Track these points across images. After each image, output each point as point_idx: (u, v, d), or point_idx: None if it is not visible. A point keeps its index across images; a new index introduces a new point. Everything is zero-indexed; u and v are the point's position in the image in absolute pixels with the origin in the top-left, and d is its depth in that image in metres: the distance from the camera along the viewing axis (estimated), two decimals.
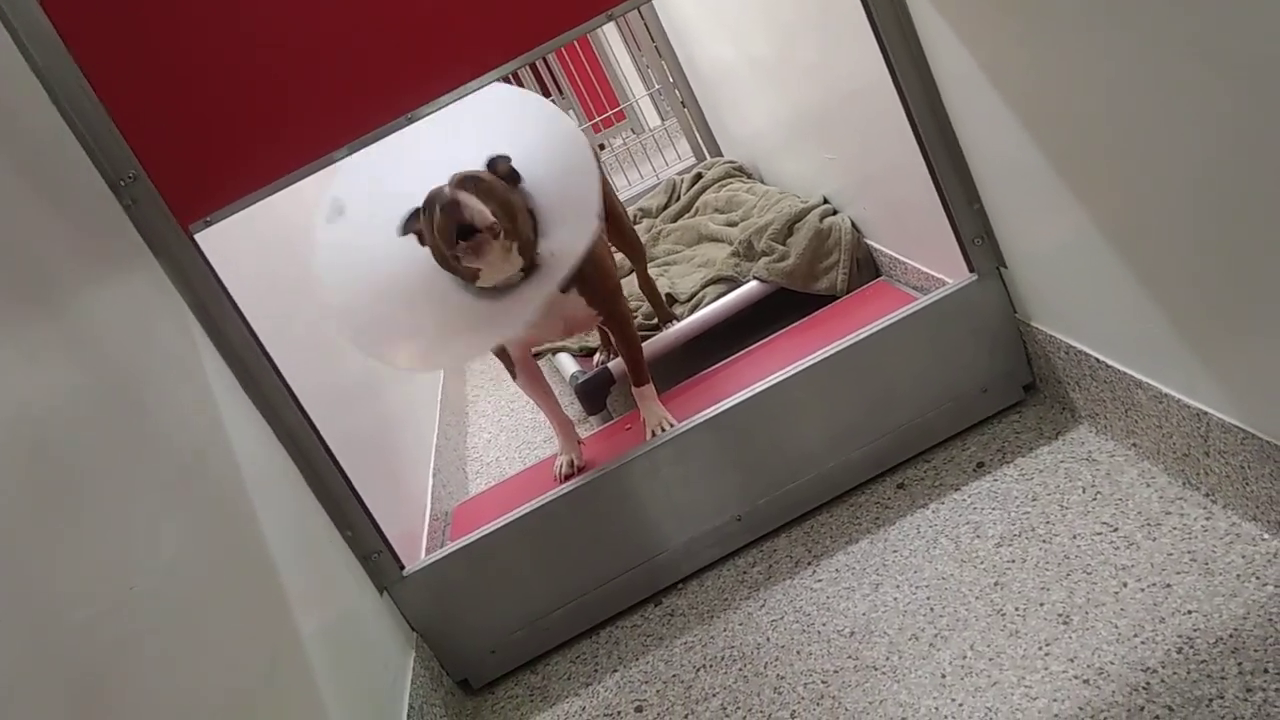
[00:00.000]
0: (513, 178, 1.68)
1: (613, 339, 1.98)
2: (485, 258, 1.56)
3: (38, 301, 1.12)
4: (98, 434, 1.10)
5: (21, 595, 0.87)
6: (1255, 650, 1.12)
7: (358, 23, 1.51)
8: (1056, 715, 1.17)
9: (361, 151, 1.69)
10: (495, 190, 1.60)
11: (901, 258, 2.19)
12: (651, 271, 2.57)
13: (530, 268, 1.65)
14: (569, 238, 1.64)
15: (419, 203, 1.63)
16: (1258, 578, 1.21)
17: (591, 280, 1.81)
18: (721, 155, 3.66)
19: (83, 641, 0.92)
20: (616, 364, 2.38)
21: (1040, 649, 1.28)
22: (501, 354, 1.98)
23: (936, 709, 1.27)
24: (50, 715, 0.83)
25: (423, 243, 1.67)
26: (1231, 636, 1.15)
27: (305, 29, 1.50)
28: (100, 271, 1.31)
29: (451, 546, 1.74)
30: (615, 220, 2.25)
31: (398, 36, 1.52)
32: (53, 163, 1.36)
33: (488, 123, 1.72)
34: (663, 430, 1.79)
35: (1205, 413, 1.29)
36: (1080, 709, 1.17)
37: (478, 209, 1.53)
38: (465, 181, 1.59)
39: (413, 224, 1.66)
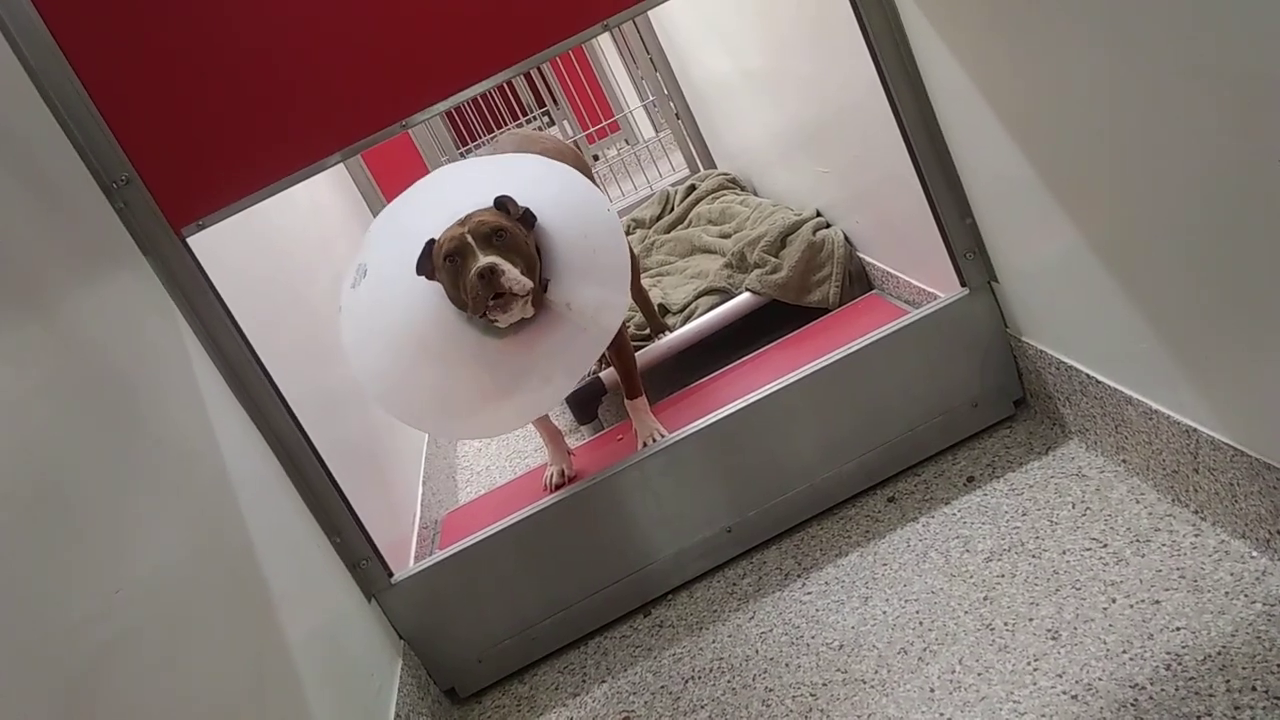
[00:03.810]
0: (528, 220, 1.66)
1: (607, 352, 1.98)
2: (509, 313, 1.59)
3: (29, 303, 1.12)
4: (87, 437, 1.10)
5: (7, 597, 0.86)
6: (1243, 668, 1.12)
7: (353, 30, 1.51)
8: None
9: (385, 212, 1.66)
10: (517, 242, 1.60)
11: (894, 271, 2.19)
12: (644, 282, 2.57)
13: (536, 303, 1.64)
14: (593, 304, 1.62)
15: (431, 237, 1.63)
16: (1246, 595, 1.21)
17: None
18: (715, 167, 3.67)
19: (68, 645, 0.91)
20: (608, 374, 2.37)
21: (1029, 664, 1.27)
22: None
23: None
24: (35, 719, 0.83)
25: (431, 277, 1.66)
26: (1220, 654, 1.15)
27: (301, 34, 1.50)
28: (92, 274, 1.31)
29: (440, 555, 1.73)
30: None
31: (392, 44, 1.52)
32: (45, 165, 1.36)
33: (513, 183, 1.70)
34: (654, 441, 1.79)
35: (1195, 429, 1.29)
36: None
37: (516, 278, 1.55)
38: (490, 236, 1.58)
39: (426, 265, 1.65)
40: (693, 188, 3.32)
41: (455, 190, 1.73)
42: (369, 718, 1.47)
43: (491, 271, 1.54)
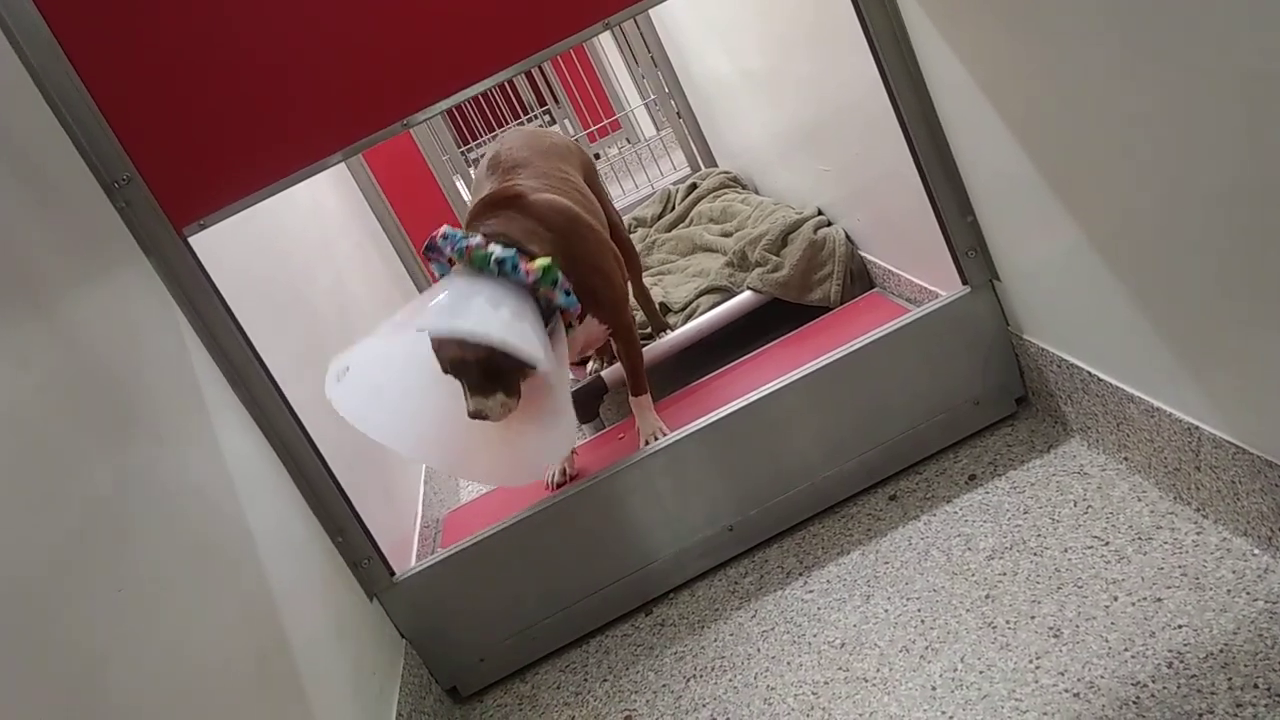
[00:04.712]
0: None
1: (615, 348, 1.98)
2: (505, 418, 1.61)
3: (29, 303, 1.12)
4: (87, 436, 1.10)
5: (8, 597, 0.86)
6: (1245, 665, 1.12)
7: (354, 29, 1.51)
8: None
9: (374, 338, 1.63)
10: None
11: (895, 270, 2.19)
12: (646, 280, 2.57)
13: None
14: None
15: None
16: (1248, 593, 1.21)
17: (603, 297, 1.80)
18: (716, 166, 3.67)
19: (69, 645, 0.91)
20: (609, 372, 2.37)
21: (1031, 662, 1.27)
22: None
23: None
24: (39, 718, 0.83)
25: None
26: (1222, 651, 1.15)
27: (302, 34, 1.50)
28: (93, 273, 1.31)
29: (442, 554, 1.74)
30: (611, 229, 2.25)
31: (393, 43, 1.52)
32: (46, 164, 1.36)
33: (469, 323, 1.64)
34: (656, 439, 1.79)
35: (1196, 427, 1.29)
36: None
37: (503, 414, 1.58)
38: (471, 371, 1.55)
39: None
40: (694, 186, 3.32)
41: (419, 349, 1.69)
42: (371, 717, 1.48)
43: (478, 416, 1.57)
